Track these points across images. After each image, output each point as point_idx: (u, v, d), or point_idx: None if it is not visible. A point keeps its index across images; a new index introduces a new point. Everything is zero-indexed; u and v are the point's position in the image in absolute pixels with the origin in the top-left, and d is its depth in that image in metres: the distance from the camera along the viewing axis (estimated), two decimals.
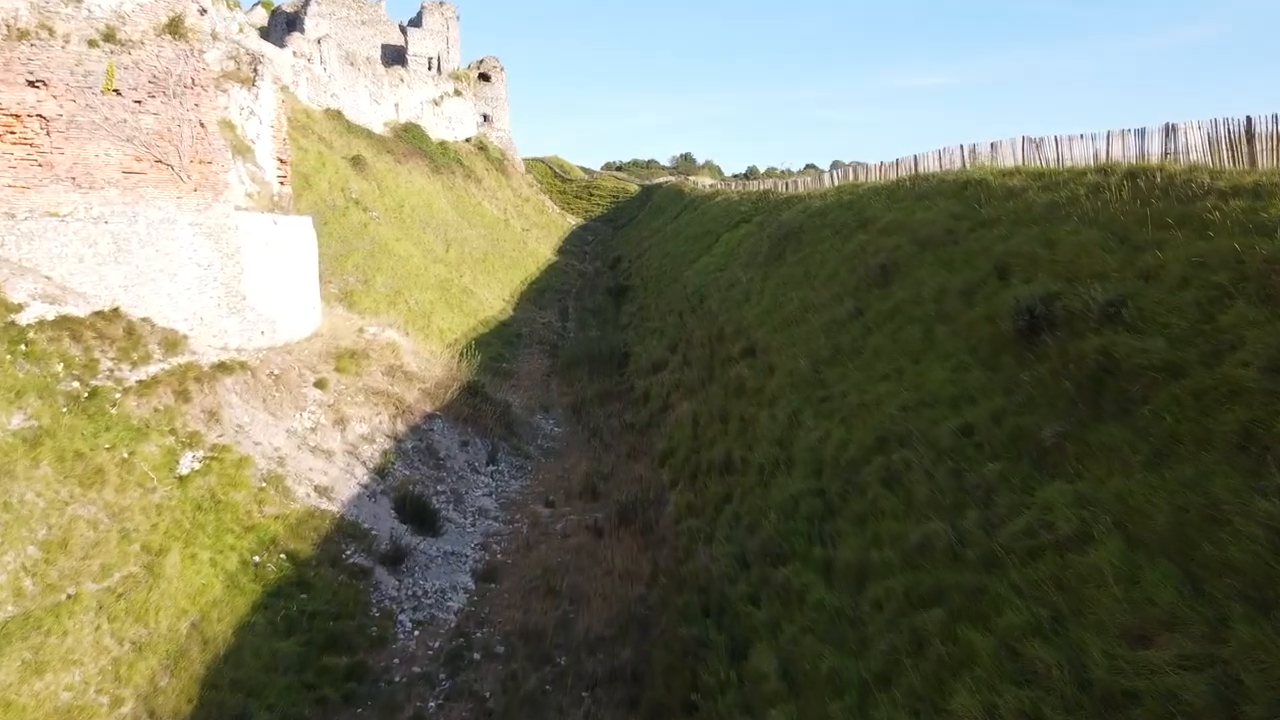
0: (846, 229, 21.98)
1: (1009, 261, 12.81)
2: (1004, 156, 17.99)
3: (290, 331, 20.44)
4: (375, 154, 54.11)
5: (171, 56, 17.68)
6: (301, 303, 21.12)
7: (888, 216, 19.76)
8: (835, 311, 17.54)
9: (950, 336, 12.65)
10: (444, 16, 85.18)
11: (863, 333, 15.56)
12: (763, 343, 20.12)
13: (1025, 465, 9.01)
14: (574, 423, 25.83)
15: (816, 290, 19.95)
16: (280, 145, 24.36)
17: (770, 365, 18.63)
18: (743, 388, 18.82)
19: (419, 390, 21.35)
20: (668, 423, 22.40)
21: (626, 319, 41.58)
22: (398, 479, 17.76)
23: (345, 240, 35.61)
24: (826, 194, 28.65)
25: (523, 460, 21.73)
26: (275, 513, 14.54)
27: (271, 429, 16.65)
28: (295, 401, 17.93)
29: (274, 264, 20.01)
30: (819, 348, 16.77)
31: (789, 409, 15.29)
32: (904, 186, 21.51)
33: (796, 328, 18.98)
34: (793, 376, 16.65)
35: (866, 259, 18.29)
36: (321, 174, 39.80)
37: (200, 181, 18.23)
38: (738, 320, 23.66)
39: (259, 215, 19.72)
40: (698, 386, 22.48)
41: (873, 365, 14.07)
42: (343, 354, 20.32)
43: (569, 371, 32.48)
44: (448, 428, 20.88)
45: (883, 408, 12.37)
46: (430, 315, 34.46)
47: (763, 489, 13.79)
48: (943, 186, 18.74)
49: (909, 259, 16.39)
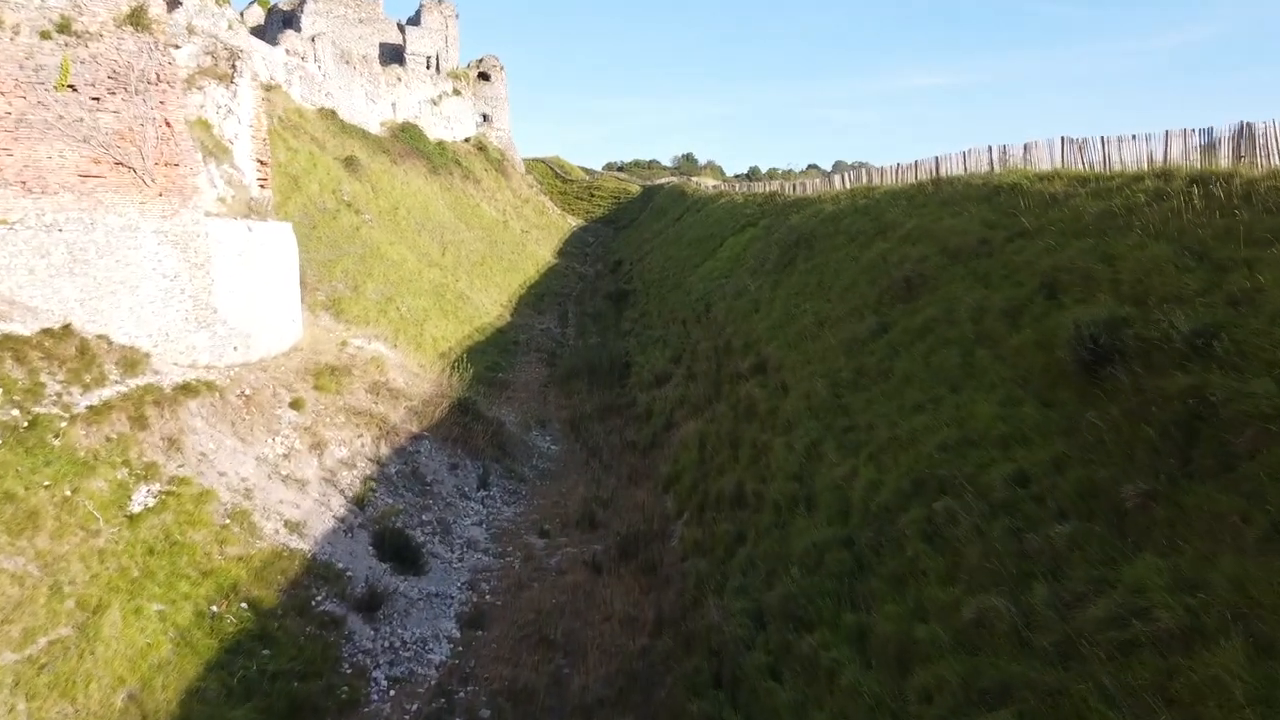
0: (864, 236, 20.53)
1: (1059, 278, 11.36)
2: (1039, 159, 16.53)
3: (266, 346, 19.02)
4: (370, 154, 52.72)
5: (133, 50, 16.26)
6: (280, 315, 19.71)
7: (910, 223, 18.32)
8: (855, 328, 16.10)
9: (994, 363, 11.21)
10: (443, 15, 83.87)
11: (888, 353, 14.11)
12: (774, 359, 18.68)
13: (1101, 529, 7.57)
14: (572, 440, 24.40)
15: (832, 303, 18.51)
16: (260, 146, 22.95)
17: (783, 385, 17.18)
18: (754, 409, 17.37)
19: (405, 409, 19.91)
20: (672, 443, 20.96)
21: (628, 325, 40.17)
22: (378, 509, 16.33)
23: (335, 245, 34.21)
24: (839, 197, 27.20)
25: (516, 483, 20.29)
26: (238, 553, 13.11)
27: (239, 457, 15.22)
28: (268, 425, 16.50)
29: (249, 274, 18.60)
30: (838, 368, 15.33)
31: (807, 439, 13.84)
32: (925, 191, 20.06)
33: (812, 344, 17.54)
34: (810, 400, 15.20)
35: (889, 270, 16.85)
36: (312, 175, 38.40)
37: (166, 185, 16.81)
38: (746, 333, 22.22)
39: (232, 222, 18.30)
40: (704, 404, 21.04)
41: (903, 392, 12.62)
42: (323, 370, 18.90)
43: (568, 382, 31.06)
44: (436, 449, 19.44)
45: (919, 445, 10.93)
46: (423, 323, 33.04)
47: (780, 531, 12.35)
48: (970, 191, 17.29)
49: (938, 271, 14.94)
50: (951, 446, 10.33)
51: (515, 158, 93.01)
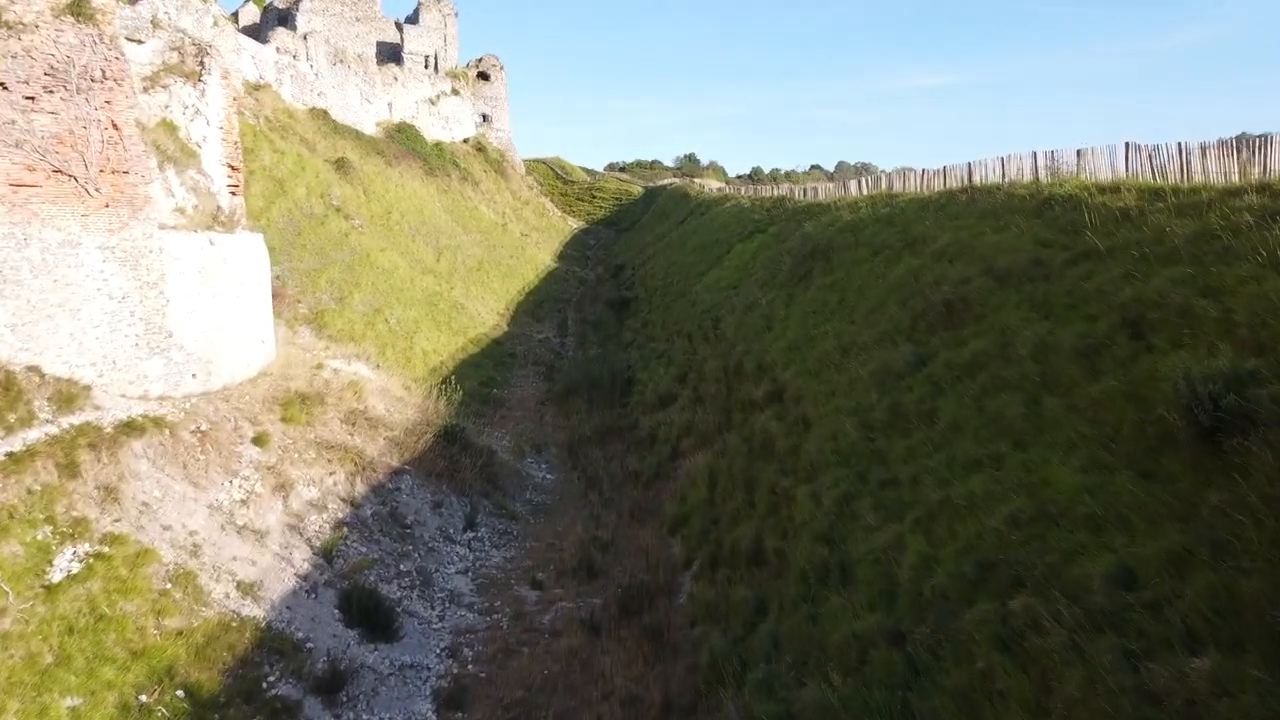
0: (890, 249, 18.68)
1: (1145, 314, 9.51)
2: (1096, 167, 14.67)
3: (231, 372, 17.21)
4: (363, 156, 50.92)
5: (74, 43, 14.44)
6: (247, 336, 17.89)
7: (944, 237, 16.47)
8: (887, 357, 14.25)
9: (1068, 415, 9.36)
10: (441, 13, 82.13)
11: (930, 391, 12.27)
12: (792, 387, 16.84)
13: (1259, 670, 5.73)
14: (569, 467, 22.57)
15: (857, 325, 16.67)
16: (231, 149, 21.15)
17: (804, 418, 15.34)
18: (770, 446, 15.54)
19: (385, 439, 18.09)
20: (678, 476, 19.13)
21: (629, 336, 38.33)
22: (349, 562, 14.51)
23: (321, 252, 32.40)
24: (857, 204, 25.35)
25: (507, 521, 18.46)
26: (179, 626, 11.29)
27: (189, 505, 13.40)
28: (225, 465, 14.68)
29: (211, 292, 16.78)
30: (869, 404, 13.48)
31: (837, 490, 12.00)
32: (958, 200, 18.22)
33: (835, 372, 15.70)
34: (837, 441, 13.35)
35: (924, 291, 15.00)
36: (299, 179, 36.59)
37: (113, 195, 15.00)
38: (759, 353, 20.37)
39: (191, 235, 16.48)
40: (713, 433, 19.20)
41: (953, 442, 10.78)
42: (292, 399, 17.07)
43: (566, 400, 29.23)
44: (418, 486, 17.62)
45: (980, 515, 9.09)
46: (413, 336, 31.23)
47: (809, 607, 10.51)
48: (1014, 203, 15.44)
49: (984, 295, 13.09)
50: (1024, 522, 8.48)
51: (515, 159, 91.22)
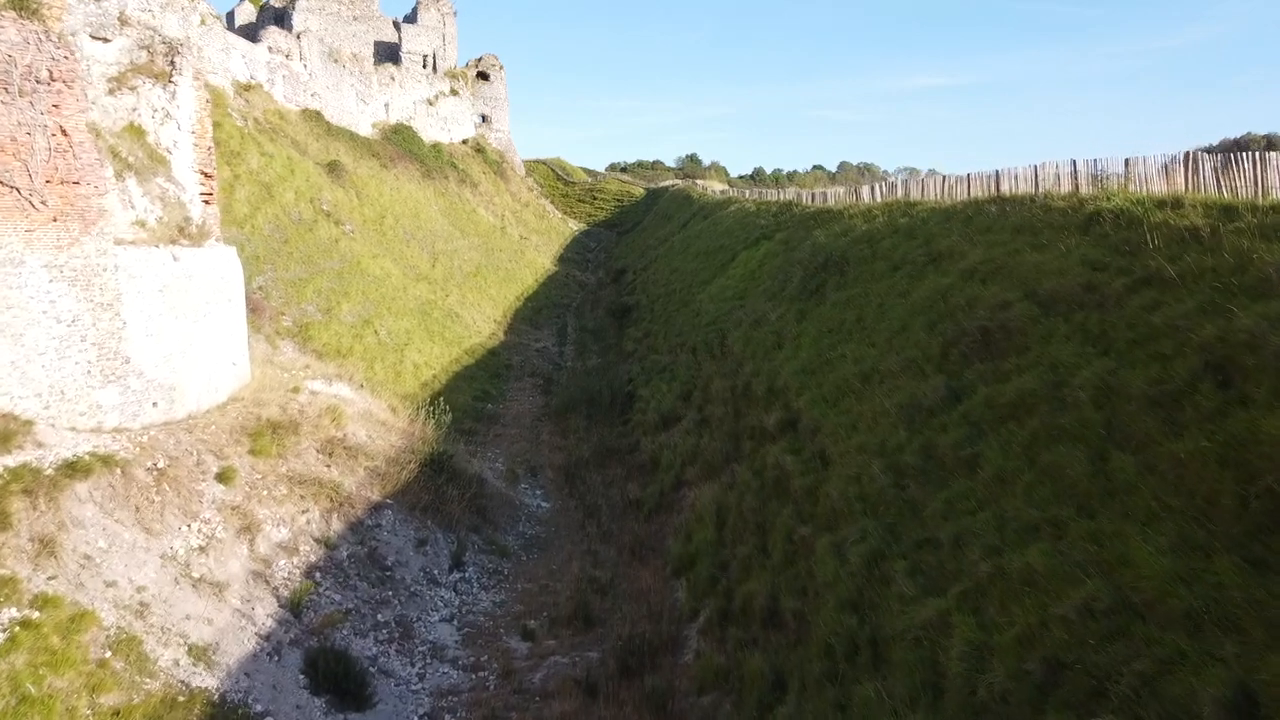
0: (911, 265, 17.29)
1: (1235, 358, 8.11)
2: (1146, 178, 13.27)
3: (197, 399, 15.84)
4: (357, 158, 49.58)
5: (16, 41, 13.07)
6: (216, 359, 16.53)
7: (974, 254, 15.07)
8: (915, 388, 12.86)
9: (1145, 477, 7.97)
10: (440, 12, 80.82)
11: (968, 434, 10.87)
12: (808, 416, 15.45)
13: None
14: (566, 494, 21.18)
15: (879, 349, 15.28)
16: (204, 155, 19.77)
17: (822, 454, 13.95)
18: (785, 484, 14.15)
19: (365, 470, 16.72)
20: (682, 508, 17.75)
21: (630, 346, 36.95)
22: (320, 614, 13.13)
23: (309, 260, 31.04)
24: (871, 212, 23.95)
25: (498, 559, 17.07)
26: (116, 704, 9.92)
27: (139, 556, 12.03)
28: (184, 506, 13.31)
29: (174, 312, 15.42)
30: (898, 443, 12.09)
31: (864, 547, 10.61)
32: (986, 212, 16.81)
33: (856, 402, 14.31)
34: (861, 485, 11.97)
35: (954, 314, 13.60)
36: (288, 183, 35.23)
37: (62, 209, 13.63)
38: (769, 375, 18.98)
39: (152, 250, 15.11)
40: (720, 463, 17.81)
41: (1001, 499, 9.38)
42: (263, 429, 15.70)
43: (563, 416, 27.88)
44: (400, 522, 16.24)
45: (1044, 598, 7.69)
46: (404, 348, 29.88)
47: (836, 690, 9.12)
48: (1053, 218, 14.03)
49: (1027, 323, 11.69)
50: (1101, 612, 7.09)
51: (515, 160, 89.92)
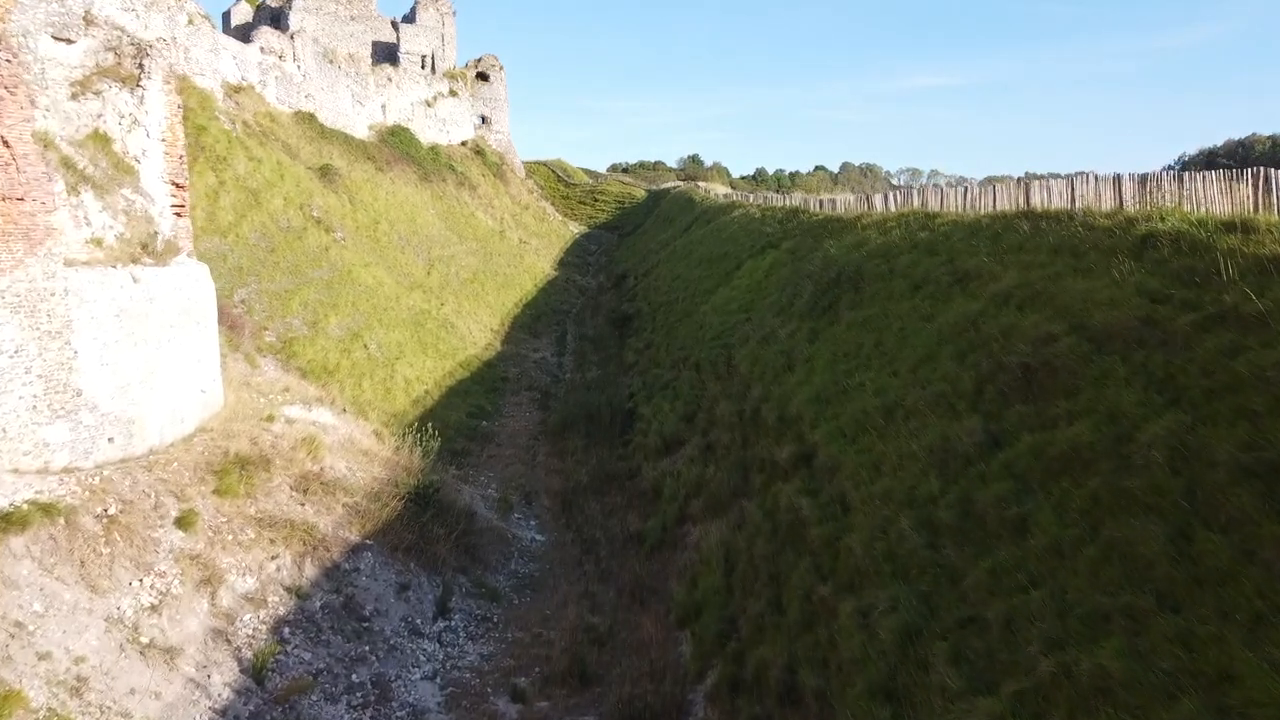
0: (934, 285, 15.98)
1: None
2: (1205, 199, 11.94)
3: (160, 432, 14.57)
4: (351, 162, 48.32)
5: None
6: (182, 386, 15.26)
7: (1007, 276, 13.76)
8: (947, 429, 11.56)
9: (1244, 566, 6.67)
10: (439, 12, 79.70)
11: (1014, 489, 9.57)
12: (824, 452, 14.15)
13: None
14: (562, 524, 19.89)
15: (902, 380, 13.97)
16: (176, 165, 18.51)
17: (842, 499, 12.65)
18: (800, 531, 12.85)
19: (343, 508, 15.44)
20: (687, 547, 16.46)
21: (632, 357, 35.67)
22: (286, 679, 11.85)
23: (296, 271, 29.77)
24: (886, 223, 22.65)
25: (487, 604, 15.77)
26: None
27: (80, 619, 10.75)
28: (137, 557, 12.04)
29: (133, 338, 14.15)
30: (929, 494, 10.79)
31: (897, 620, 9.31)
32: (1016, 229, 15.48)
33: (878, 440, 13.01)
34: (890, 541, 10.67)
35: (988, 345, 12.29)
36: (276, 189, 33.96)
37: (3, 227, 12.36)
38: (780, 400, 17.69)
39: (108, 271, 13.84)
40: (727, 498, 16.52)
41: (1059, 575, 8.08)
42: (230, 465, 14.42)
43: (561, 435, 26.58)
44: (381, 565, 14.95)
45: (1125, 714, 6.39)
46: (395, 362, 28.60)
47: None
48: (1097, 238, 12.71)
49: (1077, 361, 10.38)
50: None
51: (515, 161, 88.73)
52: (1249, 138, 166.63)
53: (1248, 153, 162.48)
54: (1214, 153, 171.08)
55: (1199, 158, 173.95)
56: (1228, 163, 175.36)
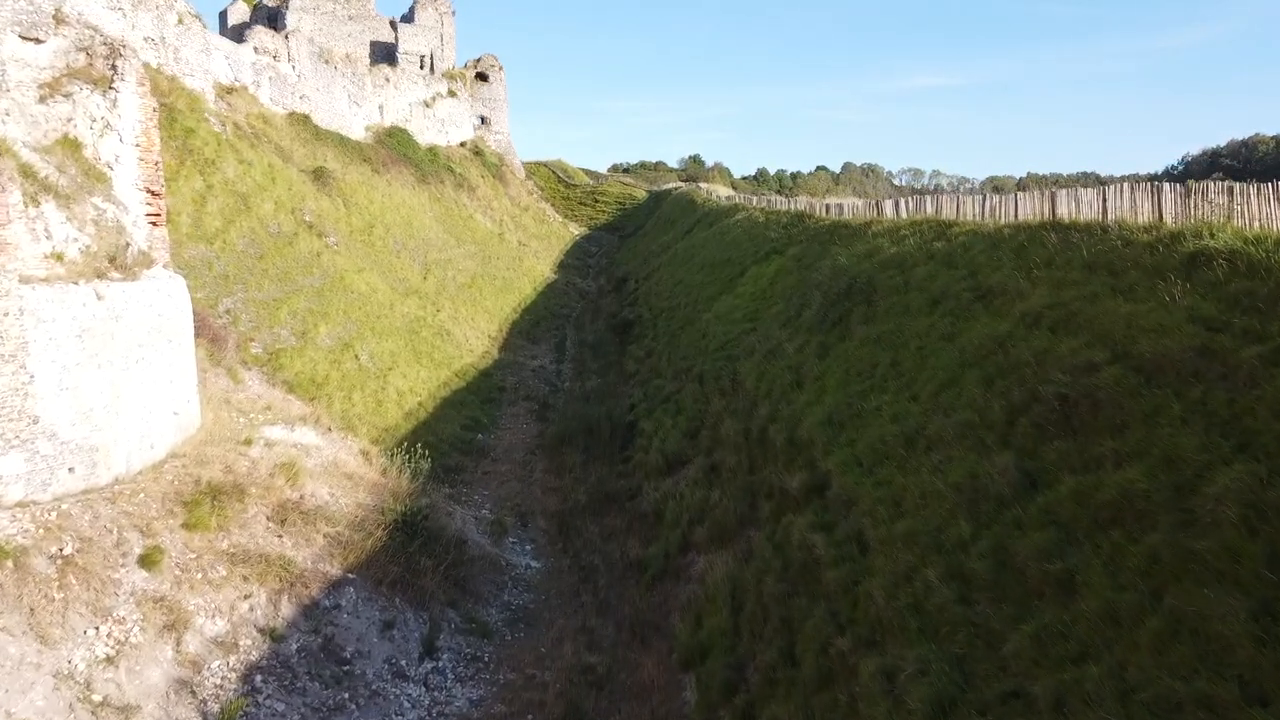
0: (955, 300, 15.00)
1: None
2: (1260, 213, 10.94)
3: (127, 460, 13.60)
4: (346, 164, 47.37)
5: None
6: (153, 409, 14.29)
7: (1036, 294, 12.77)
8: (976, 465, 10.58)
9: None
10: (438, 11, 78.80)
11: (1056, 539, 8.59)
12: (839, 482, 13.17)
13: None
14: (559, 549, 18.92)
15: (923, 405, 12.99)
16: (150, 171, 17.56)
17: (859, 537, 11.67)
18: (814, 572, 11.87)
19: (325, 539, 14.47)
20: (691, 579, 15.48)
21: (632, 365, 34.70)
22: None
23: (286, 278, 28.82)
24: (898, 231, 21.67)
25: (478, 641, 14.80)
26: None
27: (27, 675, 9.79)
28: (95, 602, 11.08)
29: (98, 359, 13.18)
30: (958, 539, 9.81)
31: (927, 688, 8.33)
32: (1044, 241, 14.49)
33: (898, 472, 12.03)
34: (915, 591, 9.69)
35: (1020, 372, 11.31)
36: (267, 193, 33.01)
37: None
38: (789, 421, 16.71)
39: (68, 288, 12.87)
40: (734, 526, 15.55)
41: (1116, 648, 7.10)
42: (202, 496, 13.46)
43: (559, 449, 25.62)
44: (364, 601, 13.98)
45: None
46: (388, 373, 27.64)
47: None
48: (1137, 254, 11.72)
49: (1122, 395, 9.40)
50: None
51: (514, 162, 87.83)
52: (1252, 138, 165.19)
53: (1251, 153, 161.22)
54: (1217, 153, 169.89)
55: (1202, 158, 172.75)
56: (1231, 163, 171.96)
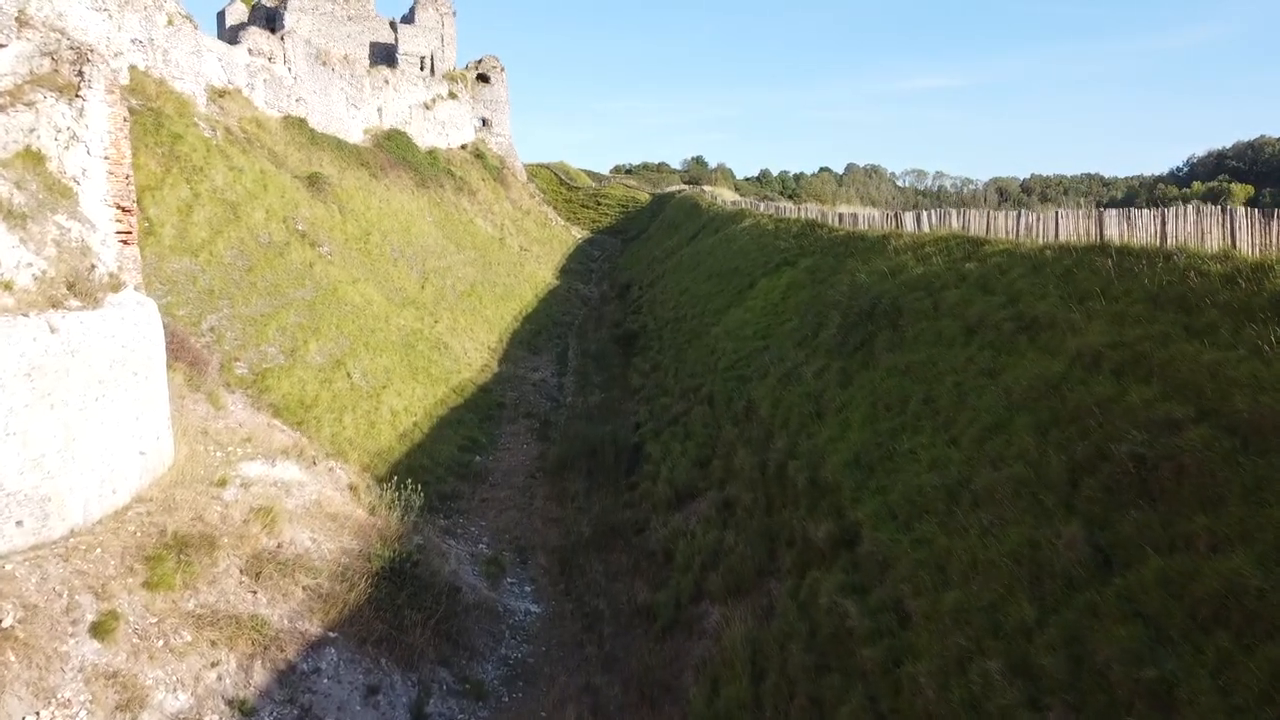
0: (995, 331, 13.70)
1: None
2: None
3: (84, 509, 12.32)
4: (343, 169, 46.12)
5: None
6: (116, 451, 13.02)
7: (1092, 331, 11.47)
8: (1035, 532, 9.29)
9: None
10: (438, 12, 77.58)
11: (1144, 639, 7.30)
12: (871, 538, 11.87)
13: None
14: (560, 591, 17.63)
15: (964, 452, 11.69)
16: (121, 185, 16.30)
17: (899, 606, 10.37)
18: (846, 644, 10.57)
19: (304, 592, 13.19)
20: (705, 634, 14.18)
21: (637, 380, 33.44)
22: None
23: (276, 291, 27.56)
24: (922, 246, 20.37)
25: (471, 703, 13.49)
26: None
27: None
28: (38, 681, 9.80)
29: (50, 399, 11.90)
30: (1021, 624, 8.52)
31: None
32: (1095, 268, 13.18)
33: (941, 531, 10.73)
34: (971, 686, 8.39)
35: (1083, 422, 10.01)
36: (258, 201, 31.74)
37: None
38: (810, 457, 15.42)
39: (13, 322, 11.59)
40: (751, 576, 14.26)
41: None
42: (167, 550, 12.18)
43: (561, 474, 24.34)
44: (346, 663, 12.70)
45: None
46: (381, 392, 26.37)
47: None
48: (1212, 288, 10.41)
49: (1214, 461, 8.11)
50: None
51: (516, 165, 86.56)
52: (1258, 139, 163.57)
53: (1257, 155, 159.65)
54: (1223, 155, 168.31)
55: (1208, 159, 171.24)
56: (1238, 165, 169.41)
